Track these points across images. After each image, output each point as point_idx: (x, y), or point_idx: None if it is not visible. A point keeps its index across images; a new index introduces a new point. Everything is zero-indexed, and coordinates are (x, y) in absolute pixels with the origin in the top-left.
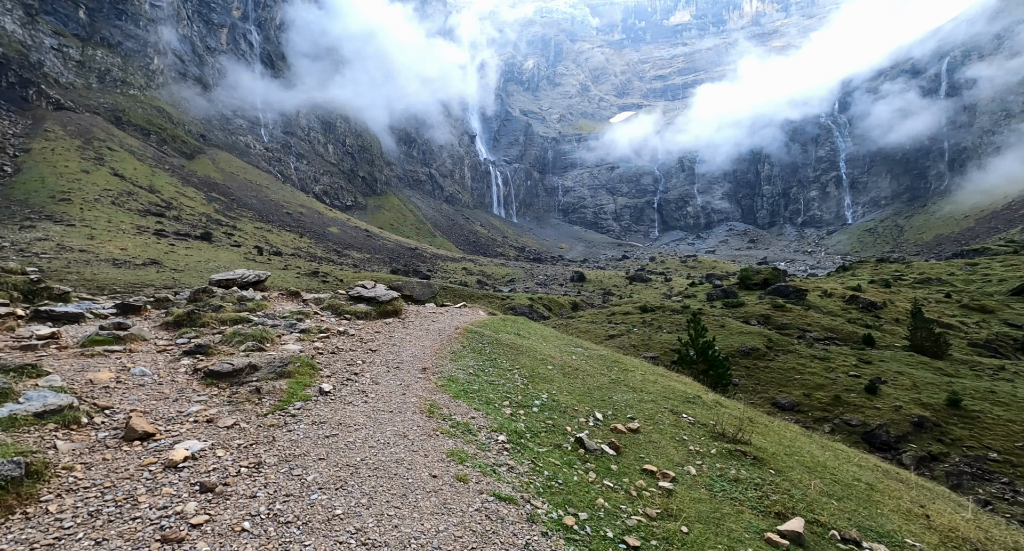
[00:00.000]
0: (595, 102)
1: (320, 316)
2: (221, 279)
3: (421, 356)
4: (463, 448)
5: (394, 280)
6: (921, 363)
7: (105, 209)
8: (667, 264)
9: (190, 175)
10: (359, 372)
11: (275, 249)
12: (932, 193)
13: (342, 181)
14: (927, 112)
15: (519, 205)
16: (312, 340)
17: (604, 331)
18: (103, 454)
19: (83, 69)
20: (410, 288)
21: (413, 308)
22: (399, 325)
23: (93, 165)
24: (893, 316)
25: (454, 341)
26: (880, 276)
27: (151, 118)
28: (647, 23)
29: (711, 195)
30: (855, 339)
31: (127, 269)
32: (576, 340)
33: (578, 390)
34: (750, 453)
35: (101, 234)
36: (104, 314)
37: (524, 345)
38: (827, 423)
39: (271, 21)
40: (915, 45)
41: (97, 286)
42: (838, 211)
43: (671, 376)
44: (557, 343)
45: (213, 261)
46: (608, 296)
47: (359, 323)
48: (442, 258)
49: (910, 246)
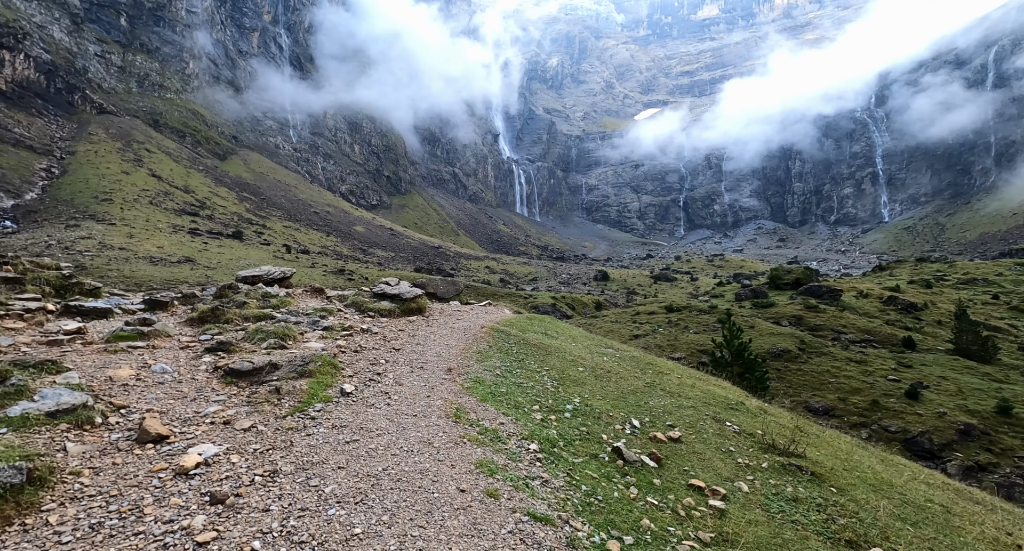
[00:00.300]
0: (620, 99)
1: (343, 313)
2: (247, 275)
3: (446, 356)
4: (492, 458)
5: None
6: (967, 367)
7: (143, 209)
8: (693, 263)
9: (223, 175)
10: (382, 372)
11: (303, 247)
12: (977, 189)
13: (367, 180)
14: (972, 105)
15: (542, 204)
16: (335, 338)
17: (629, 331)
18: (113, 458)
19: (124, 74)
20: (434, 286)
21: (437, 306)
22: (423, 323)
23: (132, 166)
24: (935, 318)
25: (480, 340)
26: (920, 276)
27: (186, 120)
28: (673, 18)
29: (739, 193)
30: (894, 341)
31: (163, 266)
32: (606, 341)
33: (612, 394)
34: (806, 468)
35: (139, 233)
36: (132, 310)
37: (552, 345)
38: (864, 429)
39: (300, 24)
40: (959, 34)
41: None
42: (874, 209)
43: (709, 380)
44: (586, 343)
45: (244, 259)
46: (632, 295)
47: (383, 321)
48: (465, 257)
49: (952, 245)
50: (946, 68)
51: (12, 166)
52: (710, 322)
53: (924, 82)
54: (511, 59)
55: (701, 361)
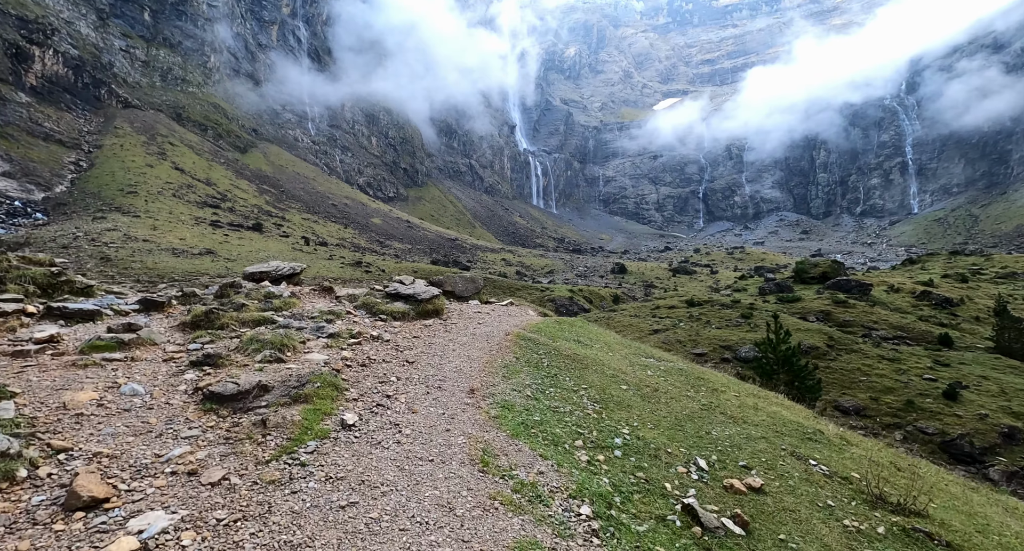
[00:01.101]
0: (638, 89)
1: (353, 316)
2: (254, 272)
3: (467, 371)
4: (535, 535)
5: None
6: (1010, 367)
7: (167, 201)
8: (712, 256)
9: (243, 168)
10: (392, 394)
11: (321, 239)
12: (1014, 179)
13: (384, 173)
14: (1010, 91)
15: (559, 195)
16: (340, 347)
17: (648, 325)
18: (19, 540)
19: (148, 68)
20: (452, 283)
21: (455, 306)
22: (441, 328)
23: (156, 159)
24: (972, 314)
25: (505, 350)
26: (955, 270)
27: (208, 114)
28: (695, 5)
29: (760, 184)
30: (929, 339)
31: (184, 258)
32: (645, 348)
33: (665, 421)
34: (938, 536)
35: (163, 225)
36: (125, 310)
37: (588, 356)
38: (898, 430)
39: (318, 16)
40: (998, 17)
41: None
42: (902, 200)
43: (769, 398)
44: (624, 352)
45: (263, 251)
46: (650, 289)
47: (395, 325)
48: (481, 249)
49: (986, 237)
50: (983, 52)
51: (43, 160)
52: (733, 317)
53: (959, 67)
54: (528, 49)
55: (724, 357)
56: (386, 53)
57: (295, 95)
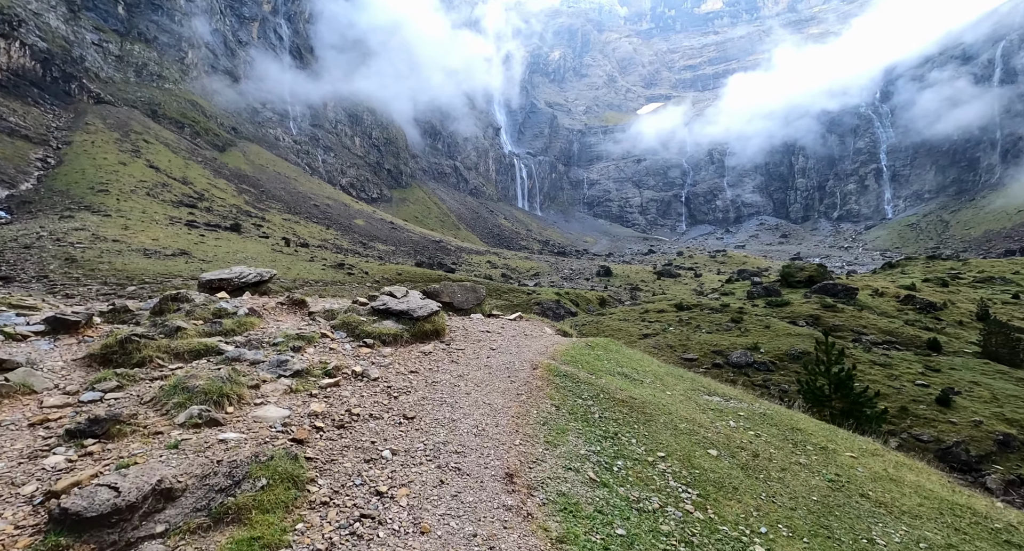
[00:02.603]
0: (622, 93)
1: (329, 339)
2: (212, 279)
3: (493, 432)
4: None
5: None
6: (999, 372)
7: (140, 200)
8: (695, 259)
9: (221, 167)
10: (386, 491)
11: (302, 241)
12: (982, 186)
13: (368, 173)
14: (979, 101)
15: (543, 198)
16: (310, 392)
17: (638, 330)
18: None
19: (121, 63)
20: (450, 293)
21: (457, 322)
22: (444, 356)
23: (130, 157)
24: (955, 318)
25: (538, 393)
26: (934, 274)
27: (185, 111)
28: (677, 11)
29: (741, 188)
30: (918, 343)
31: (157, 259)
32: (700, 379)
33: (798, 518)
34: None
35: (135, 225)
36: (22, 333)
37: (645, 400)
38: (894, 437)
39: (300, 14)
40: (967, 29)
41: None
42: (877, 205)
43: (886, 457)
44: (681, 388)
45: (241, 252)
46: (636, 291)
47: (385, 353)
48: (466, 251)
49: (956, 242)
50: (953, 63)
51: (8, 156)
52: (723, 321)
53: (930, 77)
54: (513, 52)
55: (715, 363)
56: (370, 52)
57: (276, 93)
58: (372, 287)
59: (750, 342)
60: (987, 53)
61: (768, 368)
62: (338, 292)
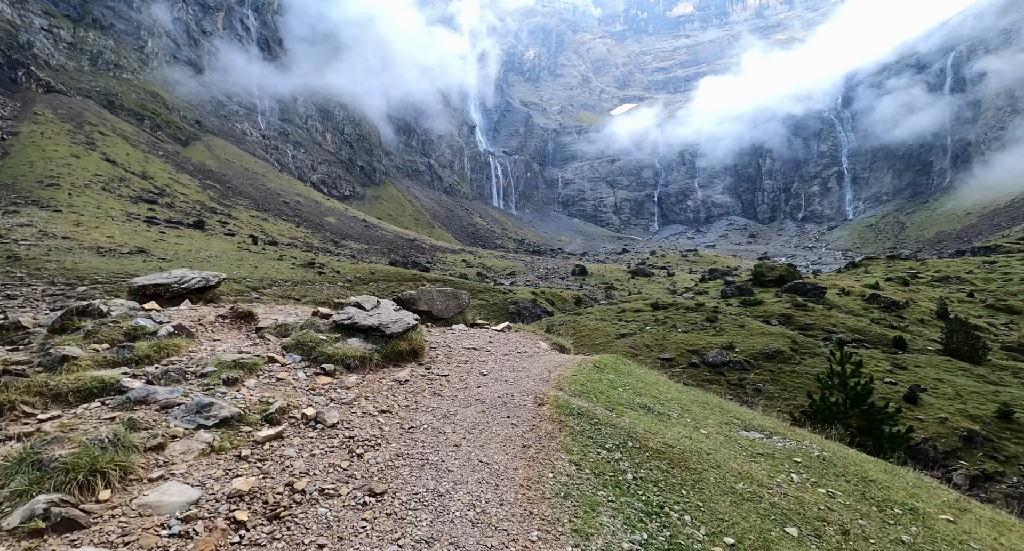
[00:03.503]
0: (596, 94)
1: (278, 365)
2: (147, 284)
3: (498, 519)
4: None
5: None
6: (961, 369)
7: (95, 195)
8: (668, 258)
9: (185, 162)
10: None
11: (271, 238)
12: (935, 189)
13: (340, 170)
14: (932, 107)
15: (519, 197)
16: (237, 453)
17: (615, 329)
18: None
19: (75, 51)
20: (428, 300)
21: (437, 336)
22: (424, 386)
23: (84, 150)
24: (917, 316)
25: (549, 444)
26: (896, 274)
27: (145, 103)
28: (649, 14)
29: (712, 189)
30: (884, 341)
31: (111, 258)
32: (723, 403)
33: None
34: None
35: (88, 221)
36: None
37: (683, 447)
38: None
39: (268, 5)
40: (921, 39)
41: (77, 275)
42: (839, 207)
43: (1001, 521)
44: (712, 420)
45: (205, 250)
46: (611, 290)
47: (349, 383)
48: (441, 249)
49: (911, 243)
50: (908, 72)
51: None
52: (698, 320)
53: (888, 85)
54: (488, 50)
55: (692, 362)
56: (341, 46)
57: (242, 85)
58: (344, 287)
59: (725, 341)
60: (939, 62)
61: (743, 367)
62: (307, 292)
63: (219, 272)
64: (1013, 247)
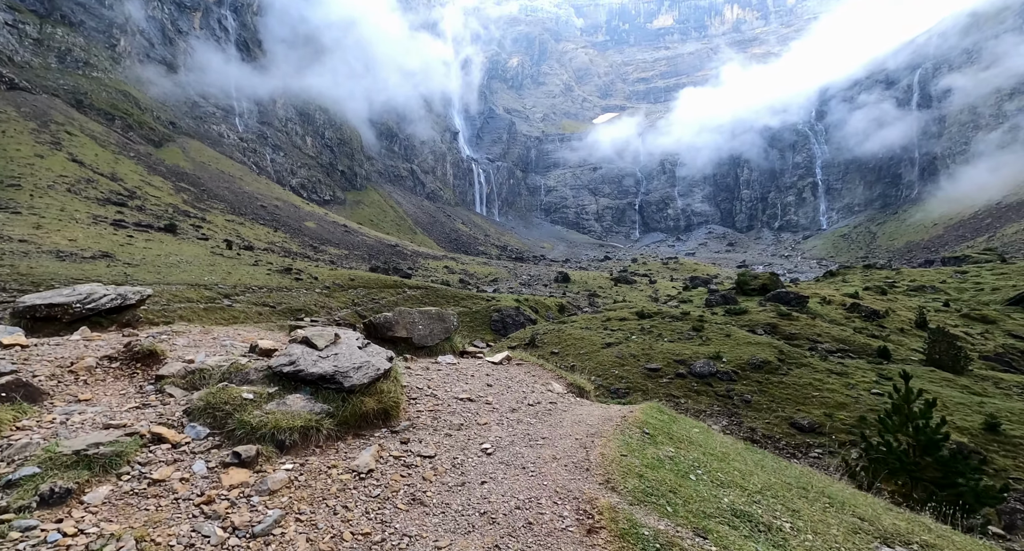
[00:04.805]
0: (578, 102)
1: (166, 448)
2: (39, 305)
3: None
4: None
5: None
6: (945, 380)
7: (59, 197)
8: (649, 266)
9: (157, 163)
10: None
11: (247, 243)
12: (903, 201)
13: (320, 175)
14: (901, 122)
15: (501, 203)
16: None
17: (601, 339)
18: None
19: (41, 48)
20: (408, 324)
21: (418, 375)
22: (396, 480)
23: (49, 149)
24: (897, 326)
25: None
26: (873, 283)
27: (116, 102)
28: (630, 25)
29: (691, 198)
30: (869, 352)
31: (72, 263)
32: (835, 493)
33: None
34: None
35: (49, 223)
36: None
37: None
38: (855, 448)
39: (248, 6)
40: (889, 57)
41: (32, 281)
42: (814, 216)
43: None
44: (835, 528)
45: (175, 255)
46: (594, 298)
47: (274, 482)
48: (423, 256)
49: (882, 252)
50: (878, 87)
51: None
52: (684, 329)
53: (859, 100)
54: (472, 57)
55: (679, 373)
56: (323, 49)
57: (219, 86)
58: (322, 294)
59: (712, 351)
60: (907, 79)
61: (731, 378)
62: (283, 299)
63: (142, 287)
64: (981, 257)
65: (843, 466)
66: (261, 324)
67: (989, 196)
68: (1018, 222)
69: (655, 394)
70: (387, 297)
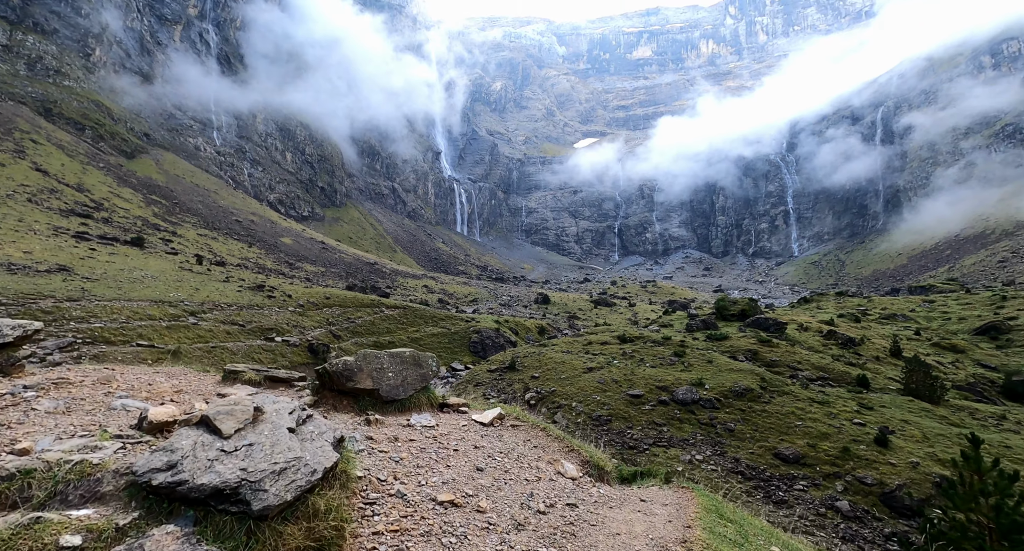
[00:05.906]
0: (560, 127)
1: None
2: None
3: None
4: None
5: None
6: (923, 410)
7: (17, 206)
8: (628, 289)
9: (128, 175)
10: None
11: (219, 259)
12: (870, 231)
13: (299, 191)
14: (866, 156)
15: (482, 224)
16: None
17: (582, 363)
18: None
19: (10, 54)
20: (374, 371)
21: (383, 453)
22: None
23: (11, 158)
24: (873, 353)
25: None
26: (847, 310)
27: (87, 112)
28: (611, 55)
29: (669, 223)
30: (848, 380)
31: (24, 276)
32: None
33: None
34: None
35: (4, 234)
36: None
37: None
38: (839, 480)
39: (231, 21)
40: (854, 94)
41: None
42: (786, 244)
43: None
44: None
45: (140, 269)
46: (574, 320)
47: None
48: (402, 274)
49: (851, 280)
50: (844, 123)
51: None
52: (666, 355)
53: (828, 134)
54: (455, 80)
55: (661, 399)
56: (305, 66)
57: (196, 98)
58: (295, 312)
59: (694, 377)
60: (871, 116)
61: (714, 405)
62: (254, 318)
63: (29, 321)
64: (946, 287)
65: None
66: (224, 348)
67: (948, 229)
68: (975, 254)
69: (638, 422)
70: (364, 316)
